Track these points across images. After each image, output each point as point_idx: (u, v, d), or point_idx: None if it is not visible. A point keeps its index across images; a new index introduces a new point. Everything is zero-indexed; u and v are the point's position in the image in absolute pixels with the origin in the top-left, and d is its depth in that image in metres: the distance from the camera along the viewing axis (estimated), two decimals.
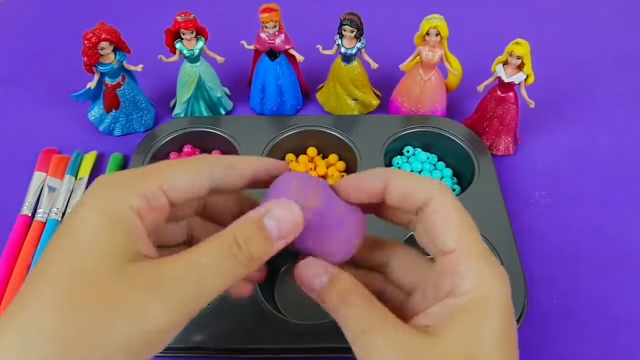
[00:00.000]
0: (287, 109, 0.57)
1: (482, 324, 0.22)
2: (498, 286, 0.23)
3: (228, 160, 0.25)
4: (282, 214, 0.23)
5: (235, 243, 0.22)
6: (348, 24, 0.50)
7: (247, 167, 0.26)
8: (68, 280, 0.19)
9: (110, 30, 0.49)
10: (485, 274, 0.23)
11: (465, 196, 0.47)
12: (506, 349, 0.22)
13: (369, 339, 0.22)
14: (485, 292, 0.22)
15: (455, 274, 0.23)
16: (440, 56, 0.52)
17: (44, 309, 0.19)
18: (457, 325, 0.22)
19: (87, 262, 0.20)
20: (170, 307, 0.20)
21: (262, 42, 0.53)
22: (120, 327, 0.19)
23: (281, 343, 0.38)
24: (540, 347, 0.41)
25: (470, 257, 0.23)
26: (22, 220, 0.47)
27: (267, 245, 0.23)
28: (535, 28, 0.69)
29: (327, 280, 0.24)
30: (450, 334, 0.22)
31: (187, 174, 0.23)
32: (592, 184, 0.52)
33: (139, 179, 0.22)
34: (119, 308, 0.19)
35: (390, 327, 0.22)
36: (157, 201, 0.22)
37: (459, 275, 0.23)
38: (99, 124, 0.56)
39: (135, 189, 0.22)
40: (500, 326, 0.22)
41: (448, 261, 0.23)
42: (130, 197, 0.21)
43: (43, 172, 0.51)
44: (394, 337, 0.22)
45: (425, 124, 0.53)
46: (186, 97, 0.55)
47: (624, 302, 0.44)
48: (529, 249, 0.47)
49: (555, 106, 0.59)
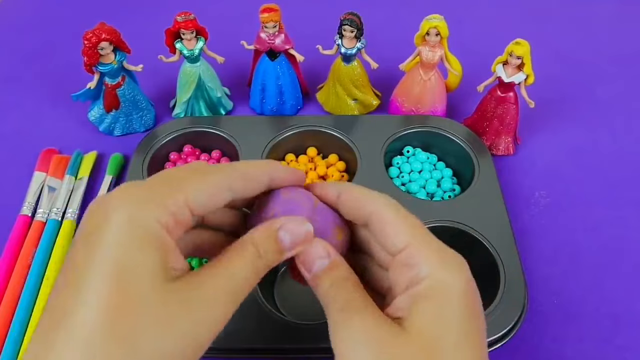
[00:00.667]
0: (287, 109, 0.57)
1: (442, 307, 0.23)
2: (455, 271, 0.24)
3: (244, 169, 0.26)
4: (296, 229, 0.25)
5: (258, 253, 0.24)
6: (348, 24, 0.50)
7: (263, 176, 0.26)
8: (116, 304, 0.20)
9: (110, 30, 0.49)
10: (441, 261, 0.24)
11: (465, 196, 0.48)
12: (470, 329, 0.23)
13: (344, 317, 0.23)
14: (442, 277, 0.24)
15: (412, 265, 0.24)
16: (440, 56, 0.52)
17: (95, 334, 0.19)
18: (419, 311, 0.23)
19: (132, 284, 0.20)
20: (212, 324, 0.22)
21: (262, 42, 0.53)
22: (169, 344, 0.20)
23: (281, 343, 0.38)
24: (540, 347, 0.41)
25: (424, 249, 0.25)
26: (22, 220, 0.47)
27: (280, 254, 0.25)
28: (535, 28, 0.69)
29: (326, 264, 0.25)
30: (414, 321, 0.23)
31: (209, 187, 0.24)
32: (592, 183, 0.52)
33: (168, 195, 0.22)
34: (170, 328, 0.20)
35: (369, 313, 0.24)
36: (182, 216, 0.23)
37: (416, 265, 0.24)
38: (99, 124, 0.56)
39: (165, 205, 0.22)
40: (461, 308, 0.23)
41: (404, 256, 0.25)
42: (161, 214, 0.22)
43: (43, 172, 0.51)
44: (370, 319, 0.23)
45: (425, 124, 0.53)
46: (186, 97, 0.55)
47: (624, 301, 0.44)
48: (529, 249, 0.47)
49: (555, 106, 0.59)
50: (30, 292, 0.42)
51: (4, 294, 0.43)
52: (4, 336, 0.40)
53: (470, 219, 0.45)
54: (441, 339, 0.23)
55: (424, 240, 0.25)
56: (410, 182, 0.51)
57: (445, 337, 0.23)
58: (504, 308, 0.40)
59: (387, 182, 0.49)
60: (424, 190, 0.50)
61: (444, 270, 0.24)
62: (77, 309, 0.19)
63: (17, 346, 0.40)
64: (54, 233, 0.46)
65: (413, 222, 0.26)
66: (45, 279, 0.43)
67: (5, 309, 0.42)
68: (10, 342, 0.40)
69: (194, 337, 0.21)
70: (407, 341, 0.23)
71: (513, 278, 0.41)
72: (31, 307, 0.42)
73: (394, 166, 0.52)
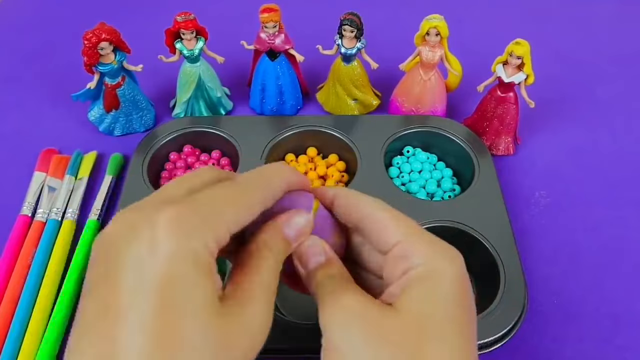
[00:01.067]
0: (287, 109, 0.57)
1: (433, 289, 0.24)
2: (448, 261, 0.25)
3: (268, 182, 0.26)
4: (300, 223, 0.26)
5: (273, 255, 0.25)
6: (348, 24, 0.50)
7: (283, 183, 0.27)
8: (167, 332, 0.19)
9: (110, 30, 0.49)
10: (434, 252, 0.25)
11: (465, 196, 0.48)
12: (460, 311, 0.24)
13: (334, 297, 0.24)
14: (435, 265, 0.24)
15: (405, 257, 0.25)
16: (440, 56, 0.52)
17: None
18: (409, 293, 0.24)
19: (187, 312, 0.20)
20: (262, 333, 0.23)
21: (262, 42, 0.53)
22: None
23: (281, 343, 0.38)
24: (540, 347, 0.41)
25: (417, 241, 0.25)
26: (22, 220, 0.47)
27: (289, 249, 0.26)
28: (535, 28, 0.69)
29: (322, 261, 0.26)
30: (404, 301, 0.24)
31: (249, 209, 0.24)
32: (592, 183, 0.52)
33: (213, 223, 0.22)
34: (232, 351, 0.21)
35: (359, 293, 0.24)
36: (224, 241, 0.23)
37: (409, 257, 0.25)
38: (99, 124, 0.56)
39: (212, 234, 0.22)
40: (453, 292, 0.24)
41: (398, 250, 0.25)
42: (209, 240, 0.22)
43: (43, 172, 0.51)
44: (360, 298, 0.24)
45: (425, 124, 0.53)
46: (186, 97, 0.55)
47: (624, 301, 0.44)
48: (529, 249, 0.47)
49: (555, 106, 0.59)
50: (30, 292, 0.42)
51: (4, 294, 0.43)
52: (4, 336, 0.40)
53: (470, 219, 0.45)
54: (430, 317, 0.23)
55: (417, 234, 0.26)
56: (410, 182, 0.51)
57: (434, 315, 0.23)
58: (504, 308, 0.40)
59: (387, 182, 0.49)
60: (424, 190, 0.50)
61: (436, 259, 0.25)
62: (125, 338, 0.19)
63: (17, 346, 0.40)
64: (54, 233, 0.46)
65: (406, 221, 0.27)
66: (45, 278, 0.43)
67: (5, 309, 0.42)
68: (10, 342, 0.40)
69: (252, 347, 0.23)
70: (396, 317, 0.23)
71: (513, 278, 0.41)
72: (31, 307, 0.42)
73: (394, 166, 0.52)
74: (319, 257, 0.26)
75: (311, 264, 0.26)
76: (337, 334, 0.23)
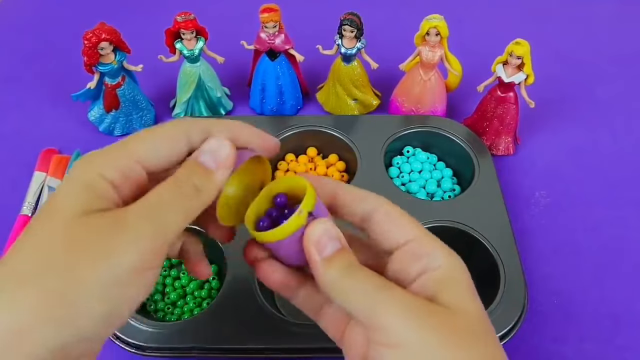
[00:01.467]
0: (287, 109, 0.57)
1: (467, 291, 0.25)
2: (461, 265, 0.26)
3: (204, 124, 0.26)
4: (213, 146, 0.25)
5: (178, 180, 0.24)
6: (348, 24, 0.50)
7: (225, 132, 0.26)
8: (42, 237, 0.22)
9: (110, 30, 0.49)
10: (449, 255, 0.26)
11: (465, 196, 0.48)
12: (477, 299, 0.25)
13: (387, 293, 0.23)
14: (452, 263, 0.25)
15: (422, 255, 0.25)
16: (440, 56, 0.52)
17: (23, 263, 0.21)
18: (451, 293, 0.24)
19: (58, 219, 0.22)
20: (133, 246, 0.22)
21: (262, 42, 0.53)
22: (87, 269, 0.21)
23: (281, 343, 0.38)
24: (540, 347, 0.41)
25: (431, 242, 0.26)
26: (22, 220, 0.47)
27: (208, 175, 0.25)
28: (535, 28, 0.69)
29: (339, 247, 0.25)
30: (443, 297, 0.24)
31: (164, 142, 0.25)
32: (592, 184, 0.52)
33: (116, 154, 0.24)
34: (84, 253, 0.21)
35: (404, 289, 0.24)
36: (132, 172, 0.24)
37: (427, 254, 0.25)
38: (99, 124, 0.56)
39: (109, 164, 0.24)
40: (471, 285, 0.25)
41: (413, 247, 0.26)
42: (106, 170, 0.23)
43: (43, 172, 0.51)
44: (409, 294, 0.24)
45: (425, 124, 0.53)
46: (186, 97, 0.55)
47: (624, 301, 0.44)
48: (529, 249, 0.47)
49: (555, 106, 0.59)
50: None
51: None
52: None
53: (470, 219, 0.45)
54: (484, 318, 0.24)
55: (427, 234, 0.26)
56: (410, 182, 0.51)
57: (485, 316, 0.24)
58: (504, 308, 0.40)
59: (387, 182, 0.49)
60: (424, 190, 0.50)
61: (452, 262, 0.25)
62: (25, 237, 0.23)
63: None
64: None
65: (413, 219, 0.27)
66: None
67: None
68: None
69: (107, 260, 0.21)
70: (443, 310, 0.24)
71: (513, 278, 0.41)
72: None
73: (394, 166, 0.52)
74: (336, 242, 0.25)
75: (328, 250, 0.25)
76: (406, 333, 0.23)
